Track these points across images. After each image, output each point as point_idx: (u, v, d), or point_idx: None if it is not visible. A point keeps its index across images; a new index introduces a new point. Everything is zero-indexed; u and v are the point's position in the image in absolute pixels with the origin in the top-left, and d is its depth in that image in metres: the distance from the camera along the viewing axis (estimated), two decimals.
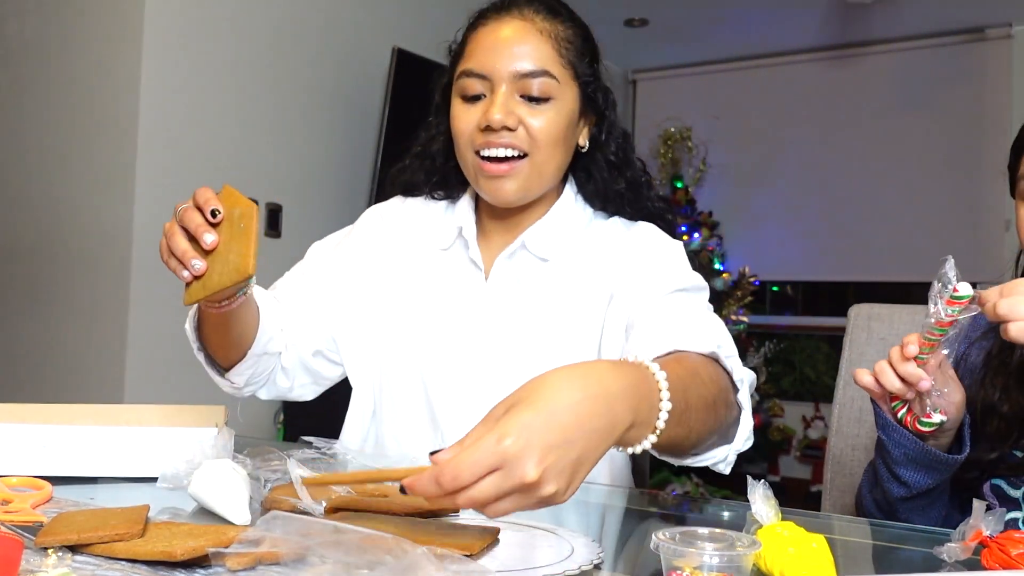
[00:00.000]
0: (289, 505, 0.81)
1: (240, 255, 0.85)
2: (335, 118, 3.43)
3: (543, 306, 1.14)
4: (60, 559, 0.60)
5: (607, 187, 1.19)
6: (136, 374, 2.76)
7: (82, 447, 0.90)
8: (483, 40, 1.11)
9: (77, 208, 2.91)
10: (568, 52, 1.12)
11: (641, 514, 0.93)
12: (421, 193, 1.27)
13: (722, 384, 0.86)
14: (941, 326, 0.87)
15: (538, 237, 1.16)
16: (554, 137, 1.10)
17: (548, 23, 1.11)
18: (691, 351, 0.86)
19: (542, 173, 1.12)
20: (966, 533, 0.68)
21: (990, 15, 4.47)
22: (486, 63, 1.09)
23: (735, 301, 4.77)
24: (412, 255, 1.22)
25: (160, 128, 2.81)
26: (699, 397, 0.78)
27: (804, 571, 0.62)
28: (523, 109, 1.08)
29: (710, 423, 0.81)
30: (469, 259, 1.18)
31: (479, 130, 1.09)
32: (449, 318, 1.17)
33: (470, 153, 1.11)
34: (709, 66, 5.35)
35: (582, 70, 1.13)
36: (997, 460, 1.01)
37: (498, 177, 1.09)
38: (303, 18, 3.28)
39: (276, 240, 3.19)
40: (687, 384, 0.76)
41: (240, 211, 0.86)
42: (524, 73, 1.08)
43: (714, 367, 0.87)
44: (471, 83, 1.10)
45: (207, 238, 0.87)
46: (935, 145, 4.73)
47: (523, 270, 1.16)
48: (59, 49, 3.00)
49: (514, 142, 1.08)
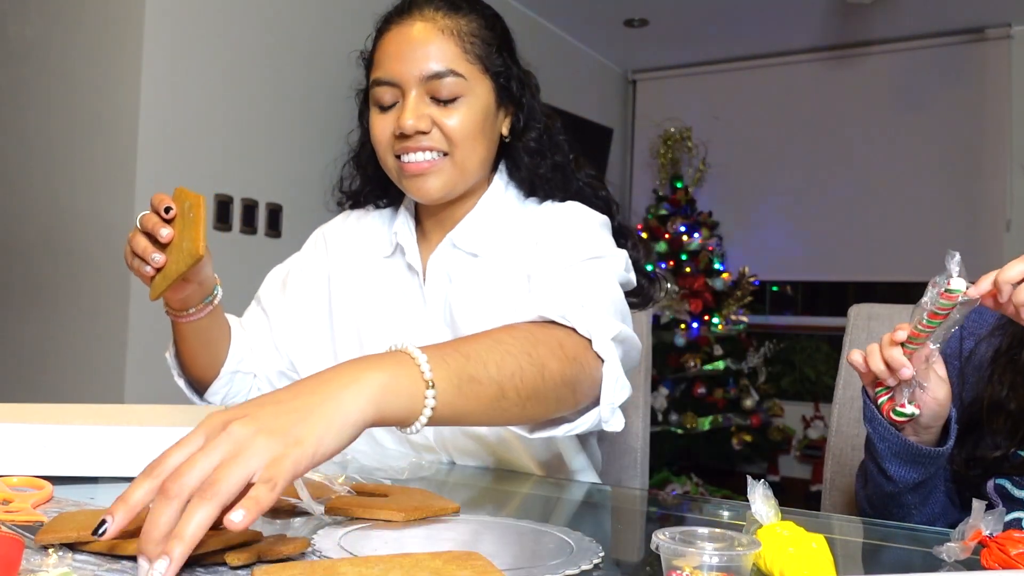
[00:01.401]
0: (289, 505, 0.81)
1: (191, 240, 0.95)
2: (335, 118, 3.43)
3: (477, 301, 1.13)
4: (60, 559, 0.60)
5: (532, 172, 1.18)
6: (136, 374, 2.76)
7: (82, 447, 0.90)
8: (388, 46, 1.11)
9: (77, 208, 2.91)
10: (474, 46, 1.11)
11: (641, 514, 0.93)
12: (364, 203, 1.29)
13: (555, 341, 0.84)
14: (932, 318, 0.87)
15: (465, 233, 1.17)
16: (470, 134, 1.10)
17: (450, 19, 1.10)
18: (517, 322, 0.86)
19: (464, 169, 1.12)
20: (966, 533, 0.68)
21: (990, 15, 4.48)
22: (393, 70, 1.09)
23: (735, 301, 4.77)
24: (357, 267, 1.25)
25: (160, 128, 2.81)
26: (503, 360, 0.77)
27: (804, 571, 0.62)
28: (435, 111, 1.09)
29: (535, 383, 0.80)
30: (407, 264, 1.20)
31: (395, 137, 1.10)
32: (392, 323, 1.19)
33: (391, 158, 1.13)
34: (709, 66, 5.36)
35: (491, 62, 1.12)
36: (1001, 459, 1.02)
37: (420, 175, 1.11)
38: (303, 18, 3.28)
39: (276, 240, 3.19)
40: (471, 352, 0.75)
41: (189, 204, 0.96)
42: (431, 75, 1.08)
43: (544, 328, 0.85)
44: (382, 92, 1.11)
45: (162, 232, 0.97)
46: (935, 145, 4.73)
47: (455, 268, 1.17)
48: (60, 49, 3.00)
49: (431, 144, 1.09)
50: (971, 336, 1.11)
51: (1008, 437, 1.02)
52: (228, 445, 0.57)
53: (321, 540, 0.69)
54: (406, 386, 0.68)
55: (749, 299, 4.82)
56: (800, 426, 5.05)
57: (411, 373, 0.69)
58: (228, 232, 3.03)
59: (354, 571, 0.57)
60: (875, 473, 1.03)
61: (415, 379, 0.69)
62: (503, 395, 0.77)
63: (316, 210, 3.33)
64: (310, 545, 0.67)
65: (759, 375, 4.93)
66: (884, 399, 0.97)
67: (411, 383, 0.68)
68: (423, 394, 0.69)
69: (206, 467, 0.56)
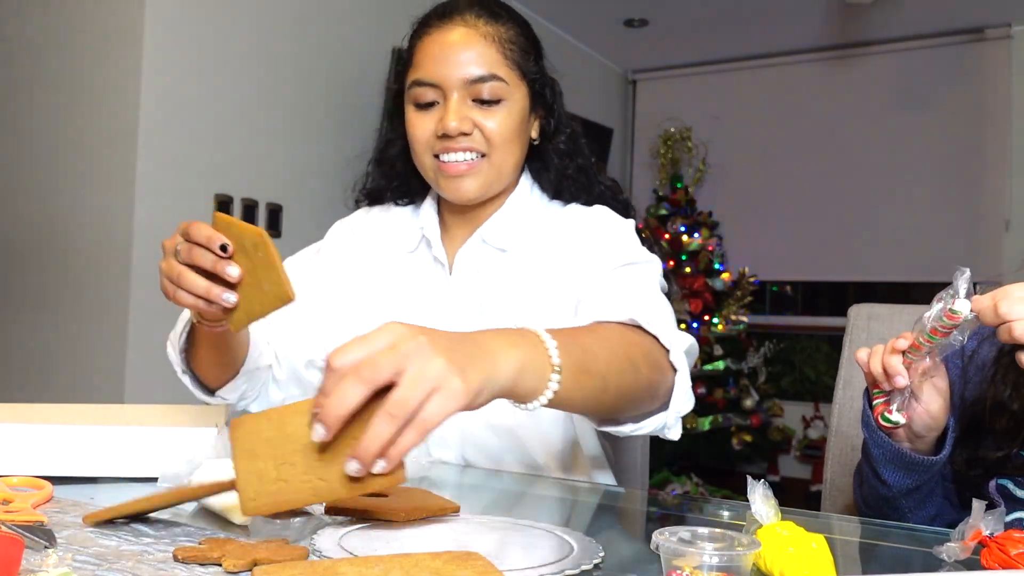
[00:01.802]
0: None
1: (275, 283, 0.82)
2: (335, 118, 3.43)
3: (505, 295, 1.17)
4: (60, 559, 0.60)
5: (560, 174, 1.22)
6: (136, 374, 2.76)
7: (82, 447, 0.90)
8: (430, 49, 1.14)
9: (77, 208, 2.91)
10: (513, 52, 1.15)
11: (641, 514, 0.93)
12: (385, 200, 1.31)
13: (644, 347, 0.90)
14: (933, 334, 0.87)
15: (495, 229, 1.20)
16: (508, 136, 1.14)
17: (491, 26, 1.14)
18: (608, 320, 0.92)
19: (500, 171, 1.16)
20: (966, 533, 0.68)
21: (990, 15, 4.48)
22: (435, 72, 1.12)
23: (735, 301, 4.77)
24: (380, 261, 1.26)
25: (160, 128, 2.81)
26: (608, 357, 0.83)
27: (804, 571, 0.62)
28: (476, 113, 1.13)
29: (632, 380, 0.87)
30: (433, 257, 1.22)
31: (436, 137, 1.13)
32: (417, 314, 1.19)
33: (428, 158, 1.15)
34: (709, 66, 5.36)
35: (528, 68, 1.17)
36: (1003, 459, 1.01)
37: (458, 176, 1.14)
38: (303, 18, 3.28)
39: (276, 240, 3.18)
40: (587, 346, 0.81)
41: (251, 240, 0.83)
42: (474, 79, 1.12)
43: (636, 332, 0.91)
44: (423, 92, 1.14)
45: (231, 271, 0.83)
46: (935, 145, 4.73)
47: (483, 262, 1.20)
48: (60, 49, 3.00)
49: (472, 145, 1.13)
50: (975, 335, 1.11)
51: (1010, 437, 1.01)
52: (431, 375, 0.63)
53: (321, 540, 0.69)
54: (537, 367, 0.74)
55: (749, 299, 4.82)
56: (800, 426, 5.05)
57: (542, 355, 0.74)
58: None
59: (354, 571, 0.58)
60: (870, 476, 1.03)
61: (544, 362, 0.74)
62: (605, 389, 0.83)
63: (316, 210, 3.34)
64: (309, 555, 0.67)
65: (759, 375, 4.93)
66: (879, 401, 0.97)
67: (541, 365, 0.74)
68: (548, 377, 0.75)
69: (419, 395, 0.62)
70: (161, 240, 0.93)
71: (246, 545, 0.65)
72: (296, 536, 0.72)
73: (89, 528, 0.72)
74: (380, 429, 0.62)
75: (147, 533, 0.71)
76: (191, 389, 1.17)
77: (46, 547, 0.64)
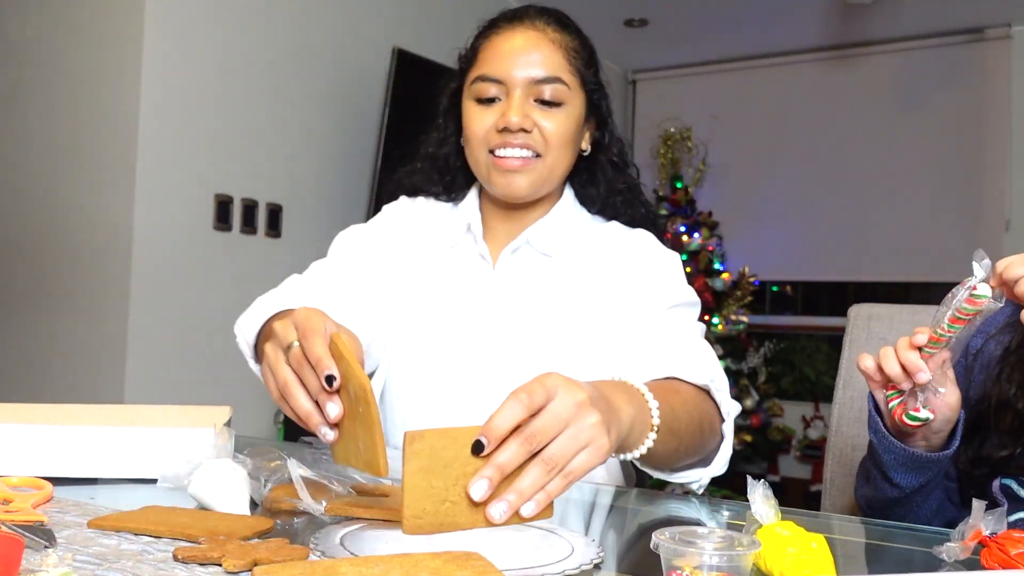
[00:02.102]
0: (289, 505, 0.81)
1: (368, 448, 0.74)
2: (335, 118, 3.43)
3: (547, 299, 1.19)
4: (60, 559, 0.60)
5: (609, 188, 1.26)
6: (136, 374, 2.76)
7: (82, 447, 0.90)
8: (497, 48, 1.17)
9: (77, 208, 2.91)
10: (576, 61, 1.19)
11: (641, 514, 0.93)
12: (426, 195, 1.32)
13: (710, 413, 0.97)
14: (953, 322, 0.86)
15: (542, 233, 1.22)
16: (565, 140, 1.17)
17: (558, 34, 1.18)
18: (686, 380, 0.97)
19: (552, 172, 1.18)
20: (966, 533, 0.68)
21: (989, 15, 4.48)
22: (501, 69, 1.15)
23: (735, 301, 4.77)
24: (422, 252, 1.27)
25: (160, 128, 2.81)
26: (687, 421, 0.90)
27: (804, 571, 0.62)
28: (537, 113, 1.15)
29: (696, 444, 0.94)
30: (477, 253, 1.24)
31: (495, 131, 1.15)
32: (458, 308, 1.21)
33: (483, 152, 1.17)
34: (709, 66, 5.35)
35: (588, 78, 1.21)
36: (1008, 458, 1.01)
37: (512, 172, 1.16)
38: (303, 18, 3.28)
39: (276, 240, 3.19)
40: (675, 407, 0.87)
41: (354, 389, 0.74)
42: (538, 79, 1.15)
43: (703, 397, 0.97)
44: (486, 87, 1.16)
45: (330, 411, 0.76)
46: (935, 145, 4.73)
47: (527, 264, 1.22)
48: (60, 49, 3.00)
49: (529, 142, 1.15)
50: (980, 334, 1.11)
51: (1015, 437, 1.01)
52: (586, 434, 0.68)
53: (321, 540, 0.69)
54: (641, 425, 0.81)
55: (749, 299, 4.82)
56: (800, 426, 5.05)
57: (645, 414, 0.82)
58: (228, 232, 3.03)
59: (354, 571, 0.58)
60: (879, 480, 1.03)
61: (647, 420, 0.82)
62: (679, 448, 0.89)
63: (316, 210, 3.34)
64: (310, 554, 0.66)
65: (759, 375, 4.93)
66: (895, 403, 0.96)
67: (644, 423, 0.81)
68: (647, 435, 0.82)
69: (574, 450, 0.67)
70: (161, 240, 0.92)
71: (246, 545, 0.65)
72: (296, 536, 0.72)
73: (89, 528, 0.71)
74: (535, 478, 0.66)
75: (147, 533, 0.71)
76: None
77: (46, 547, 0.64)
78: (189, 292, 2.89)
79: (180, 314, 2.86)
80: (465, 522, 0.67)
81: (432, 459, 0.66)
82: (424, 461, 0.66)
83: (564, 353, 1.15)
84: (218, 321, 2.94)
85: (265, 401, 3.16)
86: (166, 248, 2.82)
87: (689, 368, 0.98)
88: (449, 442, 0.67)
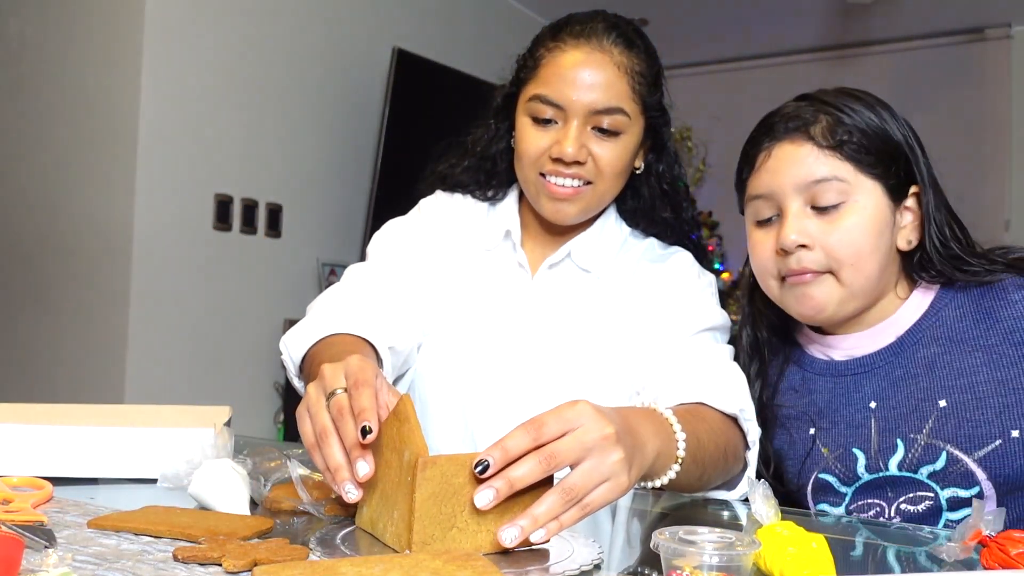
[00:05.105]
0: (289, 505, 0.81)
1: (403, 523, 0.67)
2: (335, 118, 3.43)
3: (584, 315, 1.17)
4: (60, 559, 0.60)
5: (654, 212, 1.23)
6: (136, 374, 2.76)
7: (82, 447, 0.90)
8: (560, 67, 1.11)
9: (77, 208, 2.91)
10: (641, 87, 1.13)
11: (641, 514, 0.93)
12: (464, 192, 1.27)
13: (735, 441, 0.97)
14: None
15: (583, 249, 1.19)
16: (619, 169, 1.14)
17: (625, 56, 1.12)
18: (714, 407, 0.96)
19: (602, 199, 1.16)
20: (966, 533, 0.68)
21: (990, 15, 4.48)
22: (561, 93, 1.10)
23: (735, 301, 4.76)
24: (458, 253, 1.23)
25: (160, 128, 2.81)
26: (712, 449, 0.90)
27: (804, 571, 0.62)
28: (593, 142, 1.11)
29: (719, 472, 0.94)
30: (515, 261, 1.21)
31: (549, 157, 1.11)
32: (495, 316, 1.18)
33: (534, 173, 1.14)
34: (709, 66, 5.35)
35: (651, 103, 1.16)
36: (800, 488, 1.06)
37: (562, 200, 1.13)
38: (303, 18, 3.28)
39: (276, 240, 3.19)
40: (701, 437, 0.87)
41: (410, 457, 0.67)
42: (599, 109, 1.10)
43: (729, 424, 0.97)
44: (544, 108, 1.12)
45: (359, 469, 0.70)
46: (935, 145, 4.70)
47: (566, 278, 1.20)
48: (60, 49, 3.00)
49: (581, 173, 1.12)
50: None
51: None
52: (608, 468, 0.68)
53: (321, 540, 0.69)
54: (666, 456, 0.81)
55: None
56: None
57: (671, 446, 0.82)
58: (228, 232, 3.03)
59: (354, 571, 0.58)
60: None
61: (672, 452, 0.82)
62: (702, 475, 0.89)
63: (316, 210, 3.34)
64: (310, 554, 0.66)
65: None
66: None
67: (669, 454, 0.81)
68: (671, 466, 0.82)
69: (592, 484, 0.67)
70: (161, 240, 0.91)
71: (246, 545, 0.65)
72: (296, 536, 0.72)
73: (89, 528, 0.71)
74: (552, 506, 0.66)
75: (147, 533, 0.71)
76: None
77: (46, 547, 0.64)
78: (189, 292, 2.89)
79: (180, 314, 2.86)
80: (471, 548, 0.67)
81: (443, 485, 0.66)
82: (435, 487, 0.66)
83: (597, 370, 1.14)
84: (218, 321, 2.95)
85: (265, 401, 3.16)
86: (166, 248, 2.82)
87: (718, 395, 0.97)
88: (459, 468, 0.66)
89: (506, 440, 0.66)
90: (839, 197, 1.00)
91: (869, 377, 1.06)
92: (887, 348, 1.05)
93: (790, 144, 1.03)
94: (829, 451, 1.05)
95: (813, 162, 1.01)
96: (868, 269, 1.01)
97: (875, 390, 1.05)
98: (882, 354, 1.05)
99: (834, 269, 1.01)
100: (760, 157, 1.06)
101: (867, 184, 1.01)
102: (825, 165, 1.00)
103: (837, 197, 1.00)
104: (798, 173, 1.01)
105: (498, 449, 0.65)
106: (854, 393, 1.06)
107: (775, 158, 1.04)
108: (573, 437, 0.67)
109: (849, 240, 1.00)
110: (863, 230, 1.00)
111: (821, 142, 1.01)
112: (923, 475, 1.00)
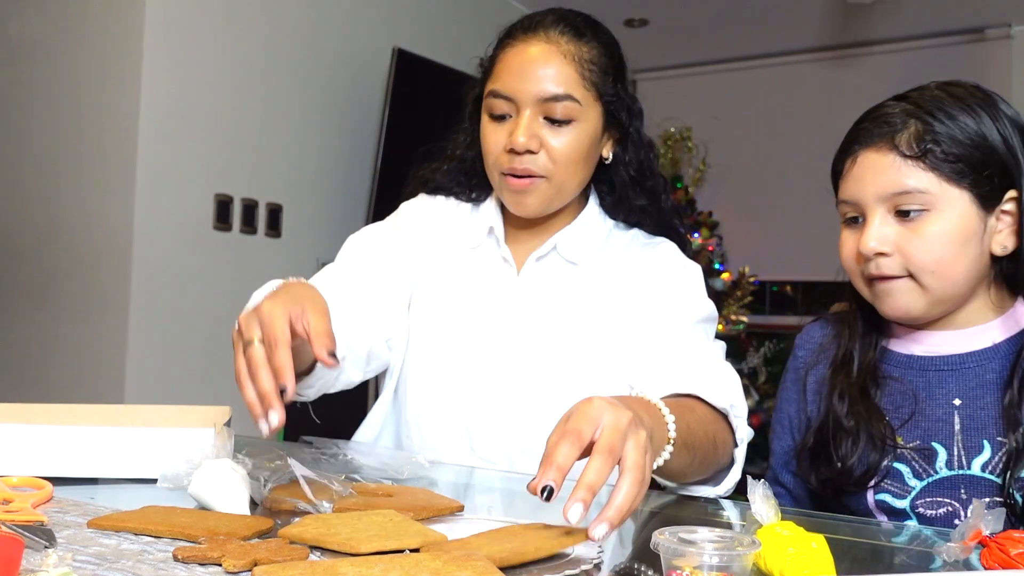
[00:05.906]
0: (290, 505, 0.81)
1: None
2: (335, 118, 3.43)
3: (572, 307, 1.18)
4: (60, 559, 0.60)
5: (628, 201, 1.24)
6: (136, 374, 2.76)
7: (82, 447, 0.90)
8: (510, 61, 1.14)
9: (77, 208, 2.91)
10: (592, 74, 1.14)
11: (640, 514, 0.93)
12: (447, 194, 1.30)
13: (723, 435, 0.98)
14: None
15: (569, 241, 1.21)
16: (574, 158, 1.14)
17: (573, 45, 1.14)
18: (706, 401, 0.96)
19: (560, 191, 1.17)
20: (966, 533, 0.68)
21: (990, 15, 4.47)
22: (511, 86, 1.13)
23: (735, 301, 4.77)
24: (442, 251, 1.25)
25: (160, 128, 2.81)
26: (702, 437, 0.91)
27: (804, 571, 0.62)
28: (546, 131, 1.13)
29: (710, 460, 0.95)
30: (500, 257, 1.23)
31: (505, 151, 1.13)
32: (481, 311, 1.20)
33: (495, 172, 1.16)
34: (709, 66, 5.35)
35: (605, 90, 1.16)
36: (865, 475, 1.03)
37: (520, 192, 1.14)
38: (303, 18, 3.28)
39: (276, 240, 3.19)
40: (690, 424, 0.88)
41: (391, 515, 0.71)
42: (547, 97, 1.11)
43: (719, 419, 0.97)
44: (498, 103, 1.14)
45: (272, 419, 0.78)
46: None
47: (553, 271, 1.21)
48: (60, 49, 3.00)
49: (532, 168, 1.12)
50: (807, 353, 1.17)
51: (851, 454, 1.04)
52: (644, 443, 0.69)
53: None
54: (658, 439, 0.81)
55: (749, 299, 4.82)
56: None
57: (662, 429, 0.82)
58: (228, 232, 3.03)
59: (354, 571, 0.58)
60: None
61: (663, 435, 0.83)
62: (692, 462, 0.90)
63: (316, 210, 3.34)
64: (310, 554, 0.66)
65: (759, 375, 4.93)
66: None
67: (661, 437, 0.82)
68: (663, 448, 0.83)
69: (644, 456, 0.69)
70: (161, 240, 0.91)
71: (246, 545, 0.65)
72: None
73: (89, 528, 0.71)
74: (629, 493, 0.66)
75: (147, 533, 0.71)
76: None
77: (46, 547, 0.64)
78: (189, 292, 2.89)
79: (180, 314, 2.86)
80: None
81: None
82: None
83: (586, 362, 1.15)
84: (218, 321, 2.95)
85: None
86: (166, 248, 2.82)
87: (710, 389, 0.97)
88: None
89: (555, 457, 0.65)
90: (922, 207, 0.98)
91: (956, 375, 1.04)
92: (982, 351, 1.04)
93: (875, 152, 1.02)
94: (904, 441, 1.04)
95: (895, 173, 0.99)
96: (952, 276, 0.99)
97: (962, 388, 1.03)
98: (974, 356, 1.04)
99: (915, 274, 0.99)
100: (847, 163, 1.06)
101: (953, 193, 0.98)
102: (908, 176, 0.98)
103: (919, 207, 0.98)
104: (881, 183, 1.00)
105: (553, 470, 0.65)
106: (937, 388, 1.04)
107: (860, 166, 1.03)
108: (611, 428, 0.67)
109: (928, 248, 0.98)
110: (946, 239, 0.98)
111: (906, 151, 0.98)
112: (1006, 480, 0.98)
